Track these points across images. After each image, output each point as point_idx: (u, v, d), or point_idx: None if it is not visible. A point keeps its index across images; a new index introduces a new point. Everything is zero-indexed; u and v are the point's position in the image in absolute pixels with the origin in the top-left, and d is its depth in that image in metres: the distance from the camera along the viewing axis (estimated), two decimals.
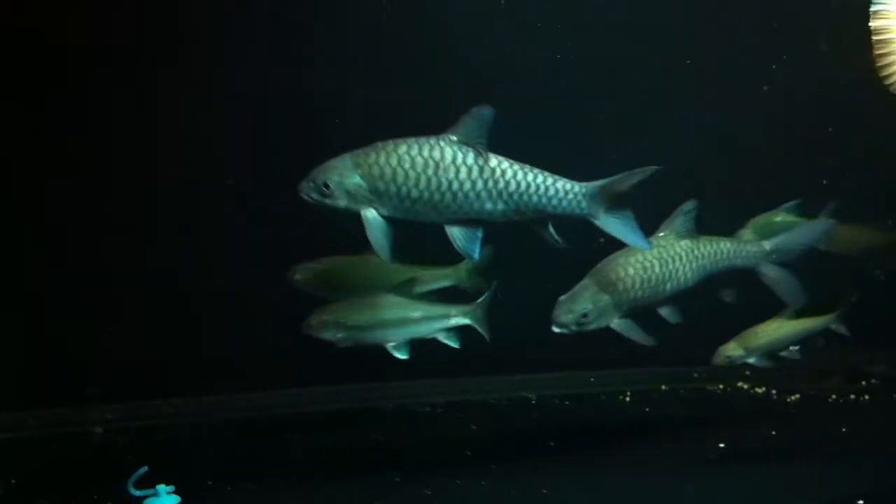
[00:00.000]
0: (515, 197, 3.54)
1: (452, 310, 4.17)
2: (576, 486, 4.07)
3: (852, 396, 5.09)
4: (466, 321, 4.16)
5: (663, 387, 5.15)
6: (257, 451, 4.48)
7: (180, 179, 4.59)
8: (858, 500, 3.79)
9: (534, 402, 5.04)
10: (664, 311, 4.08)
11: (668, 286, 3.99)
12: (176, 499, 3.91)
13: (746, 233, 4.42)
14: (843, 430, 4.64)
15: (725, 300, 4.33)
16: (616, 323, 3.96)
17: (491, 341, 4.44)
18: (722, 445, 4.41)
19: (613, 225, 3.66)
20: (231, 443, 4.61)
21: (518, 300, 4.69)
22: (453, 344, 4.19)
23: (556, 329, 3.92)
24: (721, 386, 5.19)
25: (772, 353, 4.32)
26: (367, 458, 4.43)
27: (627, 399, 5.04)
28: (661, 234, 4.00)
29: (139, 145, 4.54)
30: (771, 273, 4.17)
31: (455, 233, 3.56)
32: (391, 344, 4.14)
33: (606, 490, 4.03)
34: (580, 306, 3.89)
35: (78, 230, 4.55)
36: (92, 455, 4.46)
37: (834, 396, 5.07)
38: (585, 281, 3.93)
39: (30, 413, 4.49)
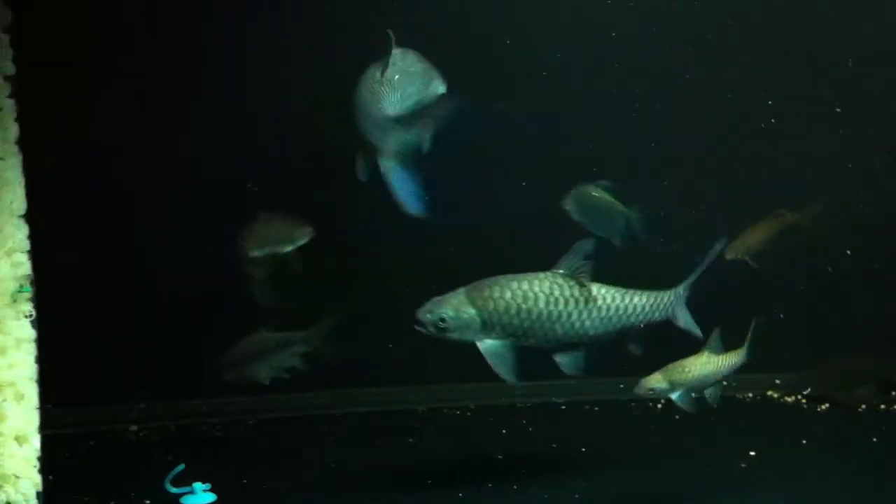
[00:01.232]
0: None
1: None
2: (607, 491, 4.09)
3: (883, 406, 5.07)
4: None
5: (693, 395, 5.14)
6: (291, 451, 4.53)
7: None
8: None
9: (563, 407, 5.07)
10: (559, 358, 3.94)
11: (558, 327, 3.82)
12: (212, 496, 3.98)
13: (567, 204, 4.31)
14: (874, 440, 4.64)
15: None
16: (484, 344, 3.82)
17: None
18: (753, 454, 4.42)
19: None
20: (266, 443, 4.66)
21: None
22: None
23: (417, 326, 3.84)
24: (751, 394, 5.19)
25: (696, 389, 4.19)
26: (399, 461, 4.47)
27: (658, 406, 5.04)
28: (560, 270, 3.84)
29: None
30: (682, 318, 4.03)
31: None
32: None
33: (638, 496, 4.06)
34: (441, 310, 3.79)
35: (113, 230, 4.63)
36: (129, 453, 4.53)
37: (864, 406, 5.05)
38: (462, 289, 3.85)
39: (67, 410, 4.54)
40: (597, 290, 3.84)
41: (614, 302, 3.85)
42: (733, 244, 4.66)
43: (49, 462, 3.62)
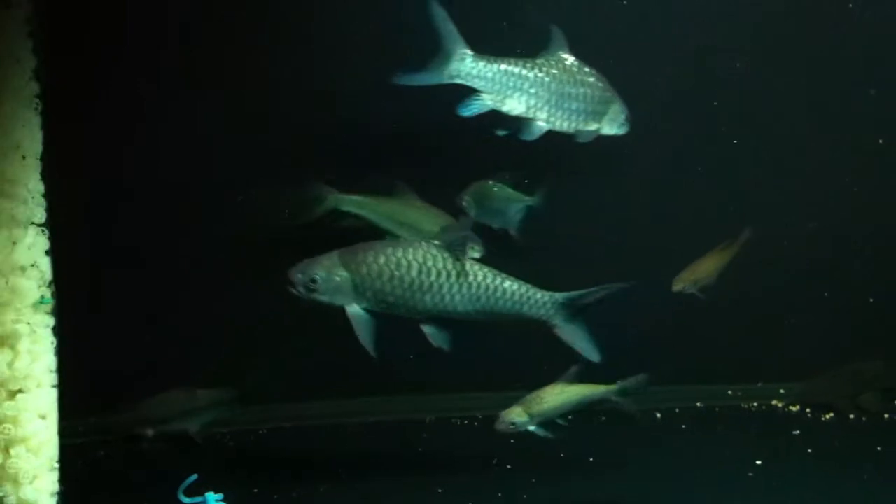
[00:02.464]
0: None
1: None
2: (615, 500, 4.13)
3: (886, 415, 5.11)
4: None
5: (699, 404, 5.19)
6: (302, 460, 4.55)
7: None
8: None
9: (571, 417, 5.09)
10: (427, 329, 3.92)
11: (428, 298, 3.82)
12: None
13: (466, 199, 4.36)
14: (879, 448, 4.68)
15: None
16: (351, 309, 3.79)
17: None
18: (759, 463, 4.46)
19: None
20: (277, 452, 4.68)
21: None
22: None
23: (288, 287, 3.80)
24: (756, 404, 5.23)
25: (553, 419, 4.26)
26: (409, 470, 4.50)
27: (663, 416, 5.08)
28: (435, 242, 3.86)
29: None
30: (566, 329, 3.99)
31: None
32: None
33: None
34: (312, 270, 3.76)
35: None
36: (140, 463, 4.55)
37: (868, 415, 5.08)
38: (336, 251, 3.83)
39: (80, 420, 4.57)
40: (470, 266, 3.83)
41: (485, 281, 3.84)
42: (681, 276, 4.67)
43: (63, 471, 3.65)
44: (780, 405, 5.23)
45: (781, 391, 5.25)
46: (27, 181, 3.40)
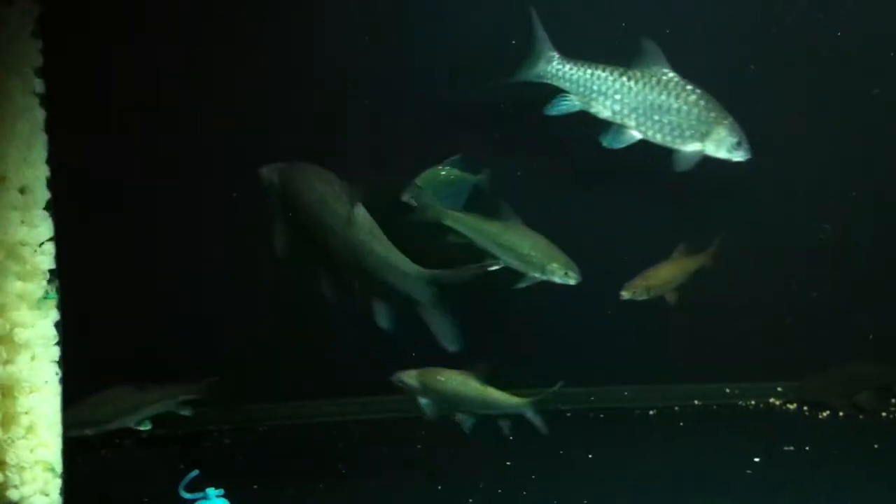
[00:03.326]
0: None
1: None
2: (615, 497, 4.15)
3: (883, 413, 5.13)
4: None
5: (696, 402, 5.21)
6: (302, 458, 4.57)
7: None
8: None
9: (569, 415, 5.11)
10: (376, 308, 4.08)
11: (321, 236, 4.01)
12: (225, 502, 4.01)
13: (415, 188, 4.40)
14: (876, 446, 4.70)
15: None
16: None
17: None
18: (757, 460, 4.48)
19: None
20: (277, 449, 4.70)
21: (560, 319, 4.81)
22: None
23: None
24: (753, 402, 5.25)
25: (448, 404, 4.29)
26: (408, 468, 4.52)
27: (661, 414, 5.10)
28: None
29: None
30: (429, 309, 4.04)
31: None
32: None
33: (645, 502, 4.11)
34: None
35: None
36: (139, 459, 4.57)
37: (866, 413, 5.10)
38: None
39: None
40: (361, 217, 3.95)
41: (362, 230, 3.95)
42: (634, 282, 4.68)
43: (64, 468, 3.66)
44: (777, 403, 5.24)
45: (779, 389, 5.27)
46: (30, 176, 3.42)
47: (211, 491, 4.02)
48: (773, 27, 4.80)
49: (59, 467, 3.55)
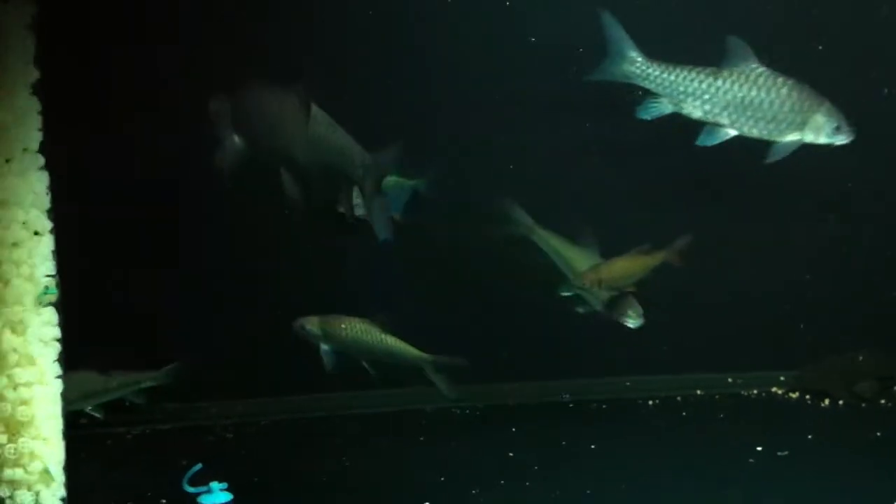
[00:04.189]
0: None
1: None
2: (618, 487, 4.14)
3: (883, 401, 5.13)
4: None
5: (699, 391, 5.22)
6: (304, 451, 4.58)
7: None
8: (894, 501, 3.88)
9: (571, 405, 5.12)
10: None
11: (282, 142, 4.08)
12: (228, 496, 4.03)
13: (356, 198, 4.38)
14: (878, 434, 4.70)
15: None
16: None
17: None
18: (760, 449, 4.48)
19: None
20: (278, 444, 4.71)
21: (551, 307, 4.82)
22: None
23: None
24: (755, 391, 5.25)
25: (348, 350, 4.45)
26: (410, 460, 4.53)
27: (664, 404, 5.11)
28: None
29: None
30: (369, 198, 4.21)
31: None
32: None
33: (648, 492, 4.10)
34: None
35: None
36: (142, 453, 4.58)
37: (867, 402, 5.11)
38: None
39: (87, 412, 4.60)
40: (318, 115, 4.04)
41: (321, 125, 4.04)
42: (587, 274, 4.64)
43: (67, 462, 3.67)
44: (779, 392, 5.25)
45: (782, 378, 5.27)
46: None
47: (214, 484, 4.05)
48: None
49: (60, 461, 3.56)
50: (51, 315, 3.45)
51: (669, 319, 4.85)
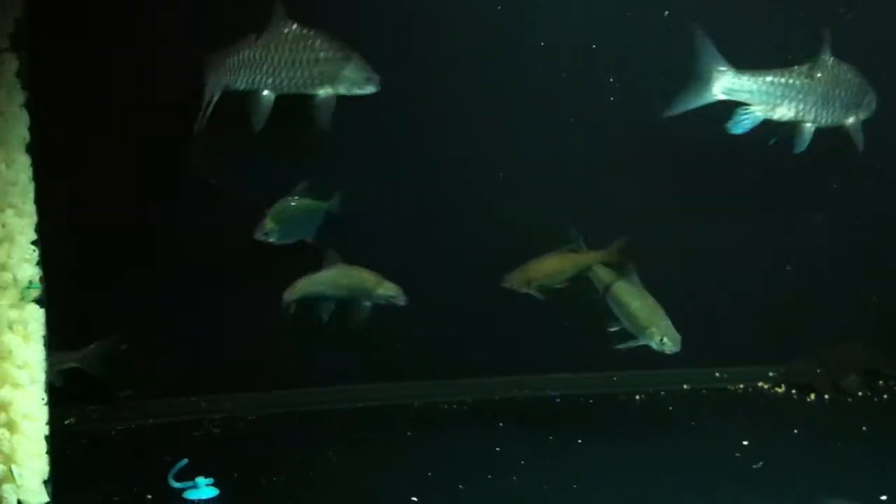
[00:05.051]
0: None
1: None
2: (604, 482, 4.16)
3: (870, 395, 5.15)
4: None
5: (685, 386, 5.23)
6: (291, 446, 4.56)
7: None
8: (882, 496, 3.90)
9: (558, 400, 5.12)
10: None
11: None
12: (214, 491, 4.02)
13: (268, 225, 4.45)
14: (864, 428, 4.72)
15: None
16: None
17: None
18: (746, 443, 4.50)
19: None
20: (266, 438, 4.69)
21: (541, 303, 4.81)
22: None
23: None
24: (742, 386, 5.27)
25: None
26: (397, 455, 4.52)
27: (651, 398, 5.11)
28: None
29: None
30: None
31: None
32: None
33: (635, 486, 4.12)
34: None
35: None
36: (129, 449, 4.56)
37: (853, 396, 5.13)
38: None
39: (72, 407, 4.58)
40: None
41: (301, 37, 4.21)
42: (514, 273, 4.66)
43: (52, 458, 3.65)
44: (766, 387, 5.26)
45: (771, 374, 5.29)
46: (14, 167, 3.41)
47: (201, 480, 4.04)
48: None
49: (44, 457, 3.54)
50: (36, 309, 3.44)
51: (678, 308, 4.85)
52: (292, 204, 4.53)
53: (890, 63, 4.83)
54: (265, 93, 4.23)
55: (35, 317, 3.45)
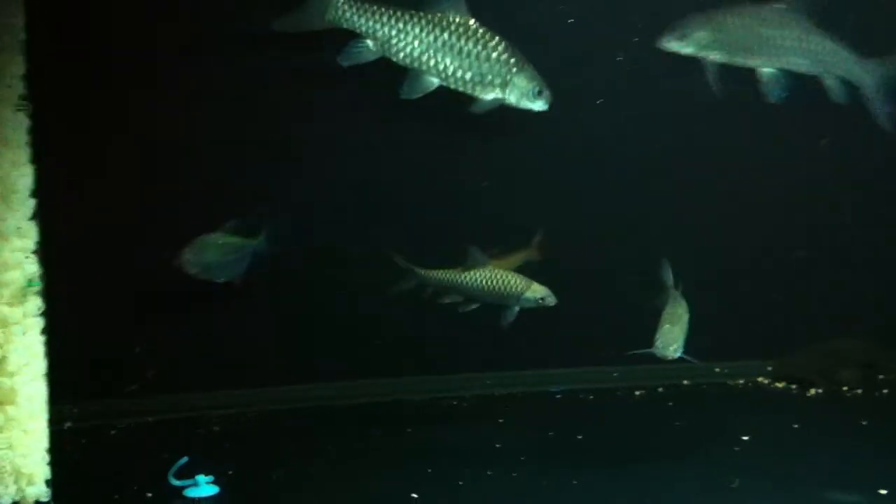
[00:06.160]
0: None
1: None
2: (604, 477, 4.15)
3: (869, 389, 5.15)
4: None
5: (686, 382, 5.23)
6: (293, 443, 4.56)
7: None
8: (881, 489, 3.90)
9: (559, 396, 5.13)
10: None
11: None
12: (214, 489, 4.02)
13: (186, 259, 4.32)
14: (864, 423, 4.72)
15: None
16: None
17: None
18: (746, 438, 4.50)
19: None
20: (266, 434, 4.70)
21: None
22: None
23: None
24: (742, 381, 5.27)
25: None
26: (397, 450, 4.52)
27: (650, 394, 5.12)
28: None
29: None
30: None
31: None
32: None
33: (635, 481, 4.11)
34: None
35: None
36: (129, 446, 4.56)
37: (851, 391, 5.13)
38: None
39: (72, 405, 4.58)
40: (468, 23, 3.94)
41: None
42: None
43: (54, 457, 3.65)
44: (765, 382, 5.27)
45: (770, 369, 5.29)
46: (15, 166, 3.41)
47: (201, 477, 4.04)
48: None
49: (46, 453, 3.54)
50: (36, 307, 3.44)
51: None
52: (220, 241, 4.40)
53: None
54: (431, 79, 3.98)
55: (35, 313, 3.44)
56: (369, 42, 3.98)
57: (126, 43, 4.46)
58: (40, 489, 3.53)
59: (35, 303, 3.44)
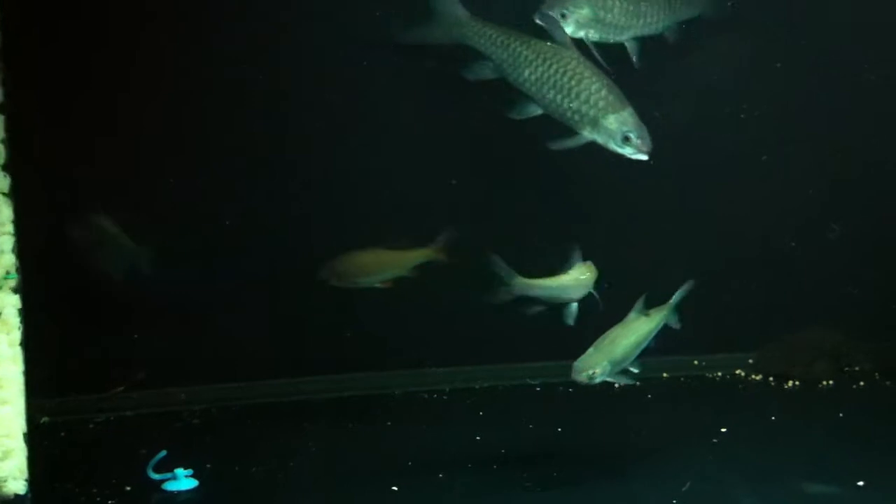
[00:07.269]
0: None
1: None
2: (583, 469, 4.18)
3: (843, 381, 5.19)
4: None
5: (664, 374, 5.25)
6: (272, 437, 4.55)
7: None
8: (858, 481, 3.93)
9: (538, 389, 5.14)
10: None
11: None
12: (193, 482, 4.01)
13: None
14: (840, 415, 4.76)
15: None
16: None
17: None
18: (724, 430, 4.52)
19: None
20: (246, 429, 4.68)
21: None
22: None
23: None
24: (720, 373, 5.30)
25: None
26: (378, 444, 4.52)
27: (629, 386, 5.11)
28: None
29: None
30: None
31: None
32: None
33: (612, 473, 4.14)
34: None
35: None
36: (108, 441, 4.54)
37: (828, 383, 5.16)
38: None
39: (45, 399, 4.54)
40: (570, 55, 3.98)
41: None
42: (328, 264, 4.59)
43: (31, 450, 3.63)
44: (743, 374, 5.30)
45: (750, 361, 5.32)
46: None
47: (180, 471, 4.03)
48: None
49: (23, 448, 3.52)
50: (12, 300, 3.41)
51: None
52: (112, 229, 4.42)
53: None
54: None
55: (12, 305, 3.42)
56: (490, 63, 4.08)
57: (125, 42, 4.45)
58: (19, 483, 3.50)
59: (11, 294, 3.42)
